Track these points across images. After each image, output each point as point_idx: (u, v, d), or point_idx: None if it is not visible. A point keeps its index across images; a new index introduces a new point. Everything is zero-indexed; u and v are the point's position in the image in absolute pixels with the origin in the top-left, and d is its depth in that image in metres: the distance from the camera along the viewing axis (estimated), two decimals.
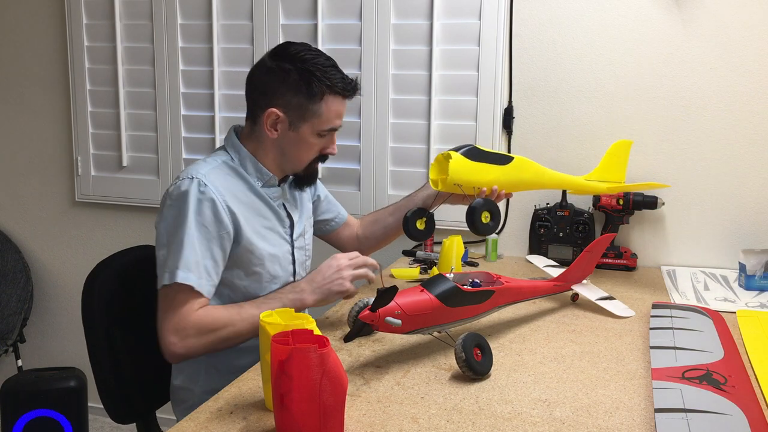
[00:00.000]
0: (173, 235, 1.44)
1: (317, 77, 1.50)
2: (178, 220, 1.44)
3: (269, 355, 1.02)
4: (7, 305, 2.73)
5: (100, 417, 2.67)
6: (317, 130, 1.54)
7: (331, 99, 1.52)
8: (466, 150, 1.56)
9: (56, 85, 2.70)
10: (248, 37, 2.44)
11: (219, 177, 1.51)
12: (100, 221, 2.74)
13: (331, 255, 1.54)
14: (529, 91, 2.24)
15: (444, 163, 1.55)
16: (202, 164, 1.53)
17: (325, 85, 1.51)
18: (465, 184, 1.56)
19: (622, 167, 1.93)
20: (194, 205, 1.44)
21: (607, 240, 1.74)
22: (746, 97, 2.07)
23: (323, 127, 1.54)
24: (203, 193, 1.45)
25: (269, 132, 1.55)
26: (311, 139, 1.55)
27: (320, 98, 1.51)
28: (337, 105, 1.54)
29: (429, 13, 2.26)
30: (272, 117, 1.54)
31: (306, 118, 1.53)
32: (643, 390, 1.22)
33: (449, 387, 1.22)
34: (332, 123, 1.55)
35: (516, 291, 1.48)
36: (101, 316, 1.57)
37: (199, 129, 2.54)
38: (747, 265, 1.89)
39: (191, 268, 1.41)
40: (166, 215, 1.47)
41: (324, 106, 1.52)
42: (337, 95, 1.53)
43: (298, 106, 1.52)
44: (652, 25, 2.11)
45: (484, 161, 1.58)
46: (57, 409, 2.09)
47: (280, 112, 1.53)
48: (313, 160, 1.60)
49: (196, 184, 1.46)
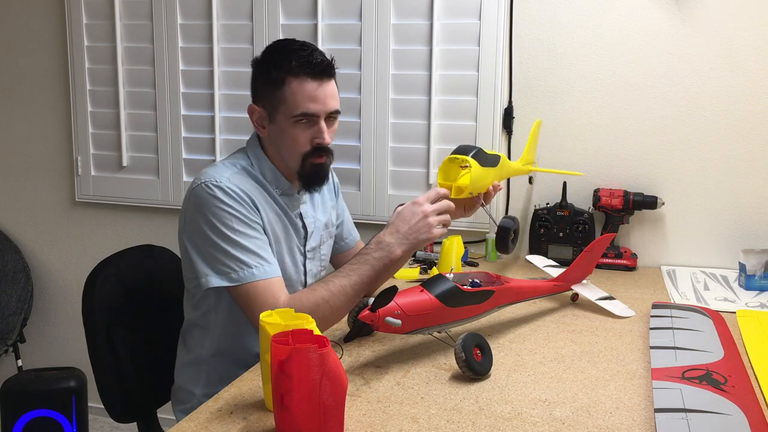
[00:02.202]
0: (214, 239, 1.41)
1: (276, 62, 1.46)
2: (210, 224, 1.42)
3: (269, 355, 1.02)
4: (7, 305, 2.73)
5: (100, 417, 2.67)
6: (290, 116, 1.46)
7: (295, 82, 1.45)
8: (475, 154, 1.52)
9: (56, 85, 2.70)
10: (248, 37, 2.44)
11: (241, 182, 1.48)
12: (100, 221, 2.74)
13: (411, 200, 1.47)
14: (529, 91, 2.24)
15: (451, 167, 1.51)
16: (222, 168, 1.50)
17: (284, 69, 1.45)
18: (476, 191, 1.56)
19: (534, 147, 2.06)
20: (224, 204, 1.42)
21: (607, 240, 1.74)
22: (746, 97, 2.07)
23: (294, 111, 1.46)
24: (230, 194, 1.43)
25: (259, 130, 1.54)
26: (290, 128, 1.48)
27: (283, 82, 1.45)
28: (305, 87, 1.44)
29: (429, 13, 2.26)
30: (255, 114, 1.53)
31: (275, 106, 1.48)
32: (643, 390, 1.22)
33: (449, 387, 1.22)
34: (303, 107, 1.45)
35: (516, 291, 1.48)
36: (101, 316, 1.58)
37: (199, 129, 2.54)
38: (747, 265, 1.89)
39: (248, 262, 1.40)
40: (195, 222, 1.44)
41: (288, 90, 1.45)
42: (302, 77, 1.44)
43: (267, 96, 1.49)
44: (652, 25, 2.11)
45: (489, 165, 1.58)
46: (57, 409, 2.09)
47: (258, 106, 1.52)
48: (307, 154, 1.51)
49: (220, 188, 1.44)
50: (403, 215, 1.44)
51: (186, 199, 1.50)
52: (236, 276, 1.40)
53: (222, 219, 1.42)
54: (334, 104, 1.50)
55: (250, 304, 1.41)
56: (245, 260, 1.41)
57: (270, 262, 1.44)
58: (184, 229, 1.49)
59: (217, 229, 1.42)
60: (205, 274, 1.42)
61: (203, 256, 1.43)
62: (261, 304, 1.38)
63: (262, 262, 1.42)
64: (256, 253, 1.42)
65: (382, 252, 1.43)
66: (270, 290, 1.41)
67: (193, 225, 1.45)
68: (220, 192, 1.43)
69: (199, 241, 1.44)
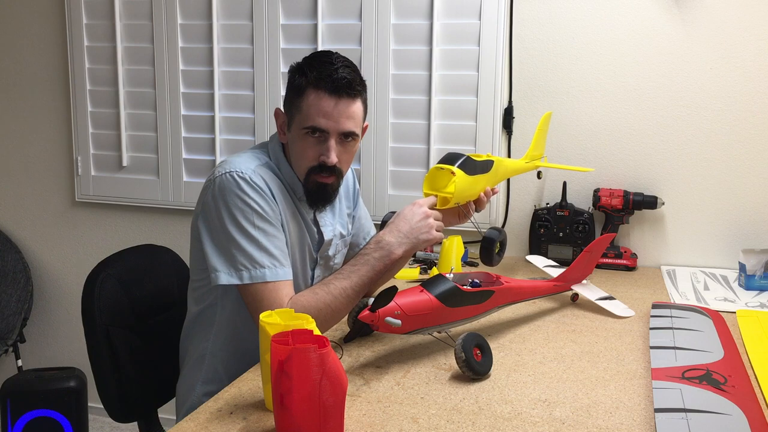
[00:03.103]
0: (232, 233, 1.40)
1: (303, 71, 1.45)
2: (231, 216, 1.40)
3: (269, 355, 1.02)
4: (7, 305, 2.73)
5: (100, 417, 2.67)
6: (302, 126, 1.44)
7: (312, 94, 1.42)
8: (461, 163, 1.49)
9: (56, 85, 2.70)
10: (248, 37, 2.44)
11: (266, 175, 1.47)
12: (100, 221, 2.74)
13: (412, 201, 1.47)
14: (529, 91, 2.24)
15: (438, 176, 1.49)
16: (248, 160, 1.48)
17: (306, 78, 1.43)
18: (462, 201, 1.53)
19: (544, 141, 2.03)
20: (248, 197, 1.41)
21: (607, 240, 1.74)
22: (746, 97, 2.07)
23: (305, 123, 1.43)
24: (254, 187, 1.42)
25: (280, 135, 1.53)
26: (300, 140, 1.45)
27: (303, 92, 1.43)
28: (320, 101, 1.42)
29: (429, 13, 2.26)
30: (279, 118, 1.52)
31: (293, 113, 1.46)
32: (643, 390, 1.22)
33: (449, 387, 1.22)
34: (314, 120, 1.42)
35: (516, 291, 1.48)
36: (101, 316, 1.57)
37: (199, 129, 2.54)
38: (747, 265, 1.89)
39: (262, 262, 1.39)
40: (215, 211, 1.42)
41: (305, 101, 1.43)
42: (320, 90, 1.42)
43: (289, 102, 1.48)
44: (652, 25, 2.11)
45: (477, 173, 1.55)
46: (57, 409, 2.08)
47: (282, 110, 1.52)
48: (312, 169, 1.47)
49: (246, 180, 1.42)
50: (404, 215, 1.44)
51: (207, 186, 1.47)
52: (248, 275, 1.39)
53: (244, 213, 1.41)
54: (349, 125, 1.44)
55: (256, 303, 1.40)
56: (259, 259, 1.40)
57: (283, 263, 1.42)
58: (201, 215, 1.46)
59: (237, 223, 1.40)
60: (216, 270, 1.41)
61: (218, 249, 1.42)
62: (266, 305, 1.37)
63: (275, 262, 1.41)
64: (271, 253, 1.41)
65: (382, 252, 1.42)
66: (277, 293, 1.39)
67: (212, 213, 1.43)
68: (246, 184, 1.42)
69: (216, 232, 1.42)
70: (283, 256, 1.44)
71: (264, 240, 1.41)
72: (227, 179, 1.42)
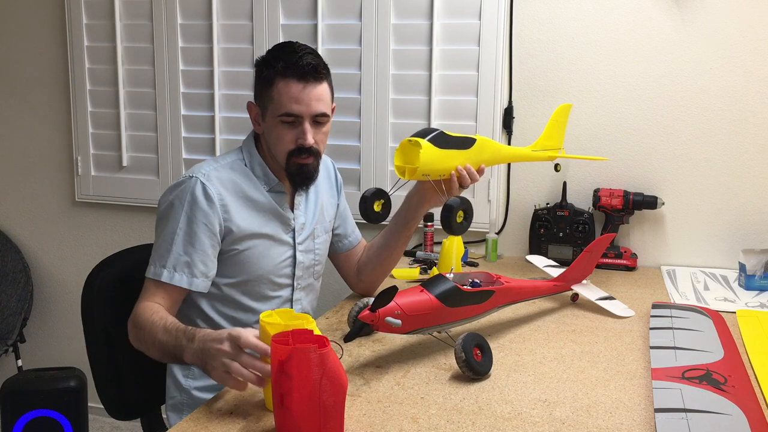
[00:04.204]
0: (160, 230, 1.51)
1: (269, 62, 1.52)
2: (167, 214, 1.50)
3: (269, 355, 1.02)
4: (7, 305, 2.73)
5: (100, 417, 2.67)
6: (276, 115, 1.51)
7: (281, 82, 1.50)
8: (433, 137, 1.50)
9: (56, 85, 2.70)
10: (248, 37, 2.44)
11: (224, 175, 1.54)
12: (100, 221, 2.74)
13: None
14: (529, 91, 2.24)
15: (409, 149, 1.49)
16: (209, 162, 1.58)
17: (274, 69, 1.50)
18: (432, 173, 1.52)
19: (561, 133, 1.96)
20: (186, 201, 1.49)
21: (607, 240, 1.74)
22: (746, 97, 2.07)
23: (279, 111, 1.50)
24: (198, 191, 1.49)
25: (255, 127, 1.60)
26: (276, 127, 1.52)
27: (272, 82, 1.51)
28: (290, 88, 1.49)
29: (429, 13, 2.26)
30: (253, 111, 1.59)
31: (266, 104, 1.54)
32: (643, 390, 1.22)
33: (449, 387, 1.22)
34: (287, 107, 1.49)
35: (516, 291, 1.48)
36: (101, 316, 1.58)
37: (199, 129, 2.54)
38: (747, 265, 1.89)
39: (166, 263, 1.46)
40: (159, 210, 1.54)
41: (275, 90, 1.50)
42: (288, 78, 1.49)
43: (260, 94, 1.55)
44: (652, 25, 2.11)
45: (451, 147, 1.53)
46: (57, 409, 2.09)
47: (254, 103, 1.58)
48: (291, 153, 1.53)
49: (193, 182, 1.50)
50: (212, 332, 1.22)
51: None
52: (151, 270, 1.48)
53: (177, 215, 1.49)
54: (319, 107, 1.52)
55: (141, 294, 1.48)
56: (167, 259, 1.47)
57: (177, 271, 1.47)
58: None
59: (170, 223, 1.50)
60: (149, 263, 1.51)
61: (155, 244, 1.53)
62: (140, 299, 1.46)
63: (175, 269, 1.47)
64: (179, 259, 1.47)
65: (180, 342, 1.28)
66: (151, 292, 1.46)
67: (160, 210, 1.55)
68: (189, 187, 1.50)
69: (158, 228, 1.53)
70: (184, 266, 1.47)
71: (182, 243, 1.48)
72: (175, 183, 1.53)
